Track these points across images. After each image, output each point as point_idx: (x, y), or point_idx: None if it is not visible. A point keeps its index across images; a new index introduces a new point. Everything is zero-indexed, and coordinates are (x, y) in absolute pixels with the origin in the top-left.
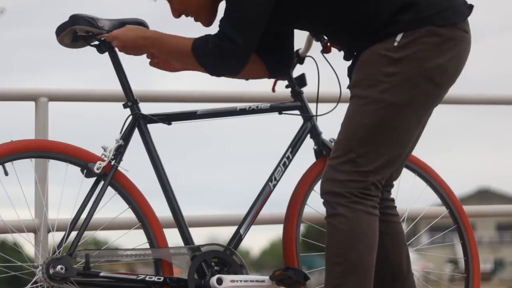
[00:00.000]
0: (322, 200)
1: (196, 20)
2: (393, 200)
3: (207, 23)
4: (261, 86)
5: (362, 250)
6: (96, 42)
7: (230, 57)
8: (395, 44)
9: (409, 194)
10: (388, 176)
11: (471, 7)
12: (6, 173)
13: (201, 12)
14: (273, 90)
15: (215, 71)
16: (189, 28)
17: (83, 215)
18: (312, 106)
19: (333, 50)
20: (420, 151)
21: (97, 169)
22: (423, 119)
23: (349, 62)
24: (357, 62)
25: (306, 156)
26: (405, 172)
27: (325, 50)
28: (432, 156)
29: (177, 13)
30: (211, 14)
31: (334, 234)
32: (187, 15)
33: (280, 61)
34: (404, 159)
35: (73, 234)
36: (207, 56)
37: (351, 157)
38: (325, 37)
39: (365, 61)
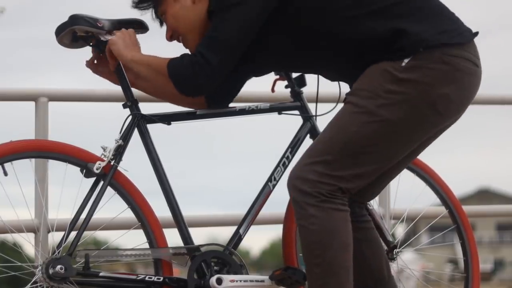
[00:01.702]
0: (291, 196)
1: (183, 41)
2: (367, 208)
3: (193, 45)
4: (261, 86)
5: (337, 248)
6: (96, 42)
7: (200, 76)
8: (403, 64)
9: (408, 194)
10: (359, 187)
11: (476, 33)
12: (5, 173)
13: (190, 32)
14: (272, 90)
15: (183, 88)
16: None
17: (83, 215)
18: (311, 106)
19: None
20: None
21: (97, 169)
22: (416, 142)
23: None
24: (364, 73)
25: None
26: (405, 172)
27: None
28: (432, 156)
29: (169, 34)
30: (198, 36)
31: (307, 235)
32: (178, 36)
33: (225, 94)
34: (383, 177)
35: (73, 234)
36: (179, 71)
37: (327, 159)
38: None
39: (370, 73)
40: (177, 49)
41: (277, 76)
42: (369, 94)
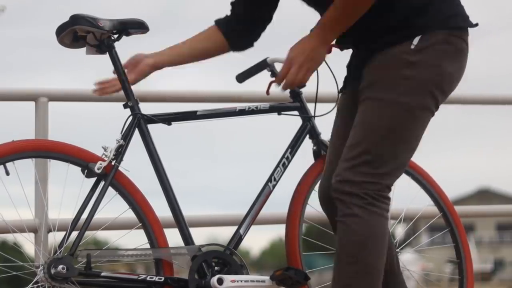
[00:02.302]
0: (335, 198)
1: None
2: None
3: None
4: (261, 87)
5: (374, 252)
6: (97, 42)
7: None
8: (412, 47)
9: (406, 194)
10: (397, 180)
11: (476, 24)
12: (7, 173)
13: None
14: (267, 92)
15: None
16: (191, 27)
17: (84, 215)
18: (311, 107)
19: (333, 50)
20: (420, 151)
21: (98, 169)
22: (427, 124)
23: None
24: (371, 63)
25: (306, 156)
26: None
27: None
28: (432, 156)
29: None
30: None
31: (348, 234)
32: None
33: (250, 36)
34: None
35: (74, 234)
36: None
37: (367, 159)
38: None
39: (381, 63)
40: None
41: (273, 78)
42: (387, 84)
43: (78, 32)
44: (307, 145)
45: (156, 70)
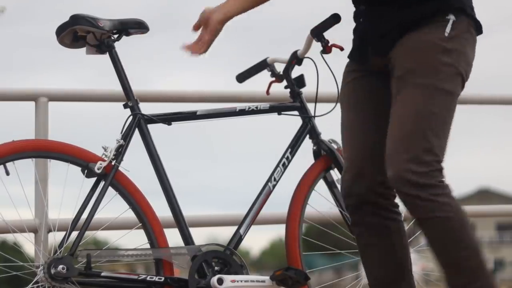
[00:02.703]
0: (405, 194)
1: None
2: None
3: None
4: (261, 87)
5: (472, 229)
6: (97, 42)
7: None
8: (446, 35)
9: None
10: None
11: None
12: (7, 173)
13: None
14: (267, 93)
15: None
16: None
17: (84, 215)
18: (311, 107)
19: (333, 50)
20: None
21: (98, 169)
22: None
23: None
24: (404, 45)
25: (306, 156)
26: None
27: (325, 50)
28: None
29: None
30: None
31: (449, 225)
32: None
33: None
34: None
35: (74, 234)
36: None
37: (426, 147)
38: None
39: (417, 47)
40: (177, 48)
41: (273, 79)
42: (429, 69)
43: (78, 32)
44: (307, 145)
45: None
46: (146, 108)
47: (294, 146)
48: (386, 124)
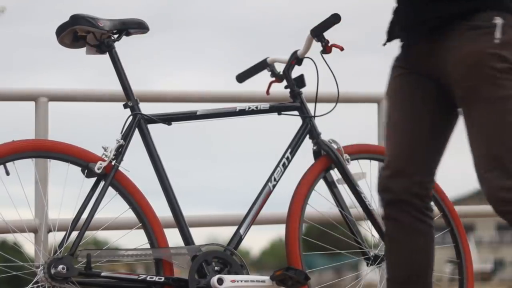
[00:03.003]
0: (504, 213)
1: None
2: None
3: None
4: (261, 87)
5: None
6: (97, 42)
7: None
8: (496, 41)
9: None
10: None
11: None
12: (7, 173)
13: None
14: (267, 93)
15: None
16: (190, 27)
17: (84, 215)
18: (311, 107)
19: (333, 50)
20: None
21: (98, 169)
22: None
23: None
24: (454, 58)
25: (306, 156)
26: None
27: (325, 51)
28: None
29: None
30: None
31: None
32: None
33: None
34: None
35: (74, 234)
36: None
37: None
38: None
39: (472, 61)
40: (177, 47)
41: (273, 79)
42: (491, 82)
43: (78, 32)
44: (307, 145)
45: None
46: (146, 108)
47: (294, 146)
48: (427, 126)
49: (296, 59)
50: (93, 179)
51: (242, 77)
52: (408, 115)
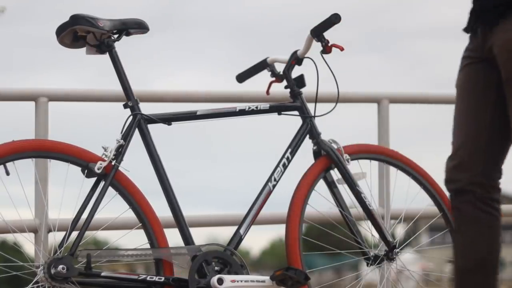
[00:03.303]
0: None
1: None
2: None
3: None
4: (261, 87)
5: None
6: (97, 42)
7: None
8: None
9: (406, 195)
10: None
11: None
12: (7, 173)
13: None
14: (267, 93)
15: None
16: (190, 27)
17: (84, 215)
18: (311, 107)
19: (333, 50)
20: (422, 152)
21: (98, 169)
22: None
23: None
24: (503, 41)
25: (306, 156)
26: (400, 173)
27: (325, 51)
28: (432, 156)
29: None
30: None
31: None
32: None
33: None
34: None
35: (74, 234)
36: None
37: None
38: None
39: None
40: (177, 47)
41: (273, 79)
42: None
43: (78, 32)
44: (307, 145)
45: None
46: (146, 108)
47: (294, 146)
48: (489, 116)
49: (296, 59)
50: (93, 179)
51: (242, 77)
52: (471, 105)
